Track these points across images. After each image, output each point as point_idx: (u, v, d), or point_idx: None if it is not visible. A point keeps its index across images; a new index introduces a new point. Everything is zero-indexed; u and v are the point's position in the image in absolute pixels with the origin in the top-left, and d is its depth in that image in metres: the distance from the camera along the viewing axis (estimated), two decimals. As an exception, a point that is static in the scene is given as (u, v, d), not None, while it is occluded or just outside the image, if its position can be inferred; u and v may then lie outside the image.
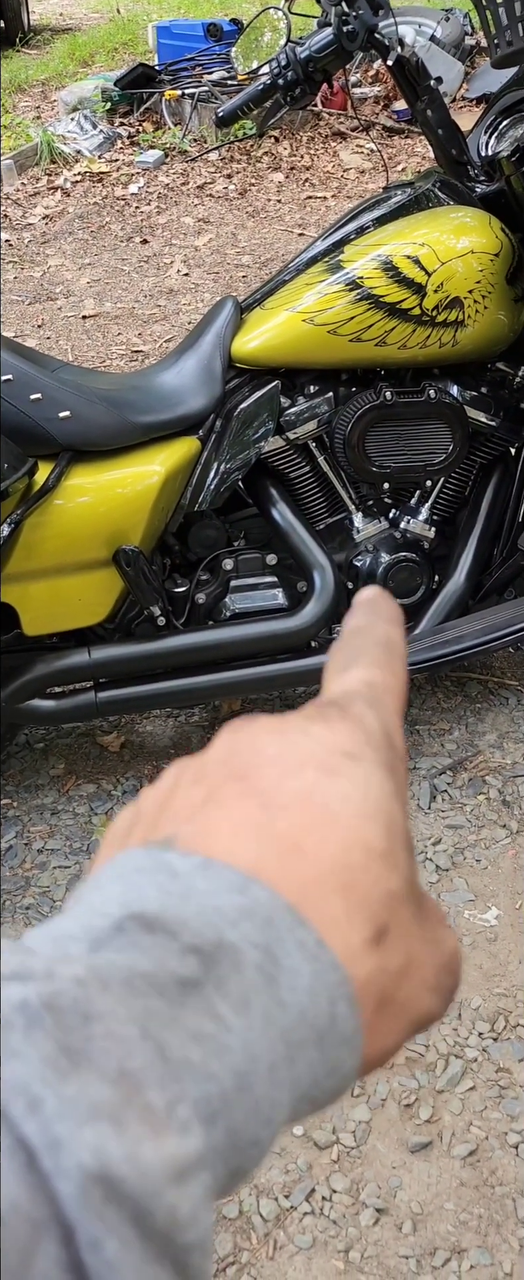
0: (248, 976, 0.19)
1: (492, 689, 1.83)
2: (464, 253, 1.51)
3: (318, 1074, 0.20)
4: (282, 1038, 0.19)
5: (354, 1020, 0.20)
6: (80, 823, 1.64)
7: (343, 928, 0.20)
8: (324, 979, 0.19)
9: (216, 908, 0.19)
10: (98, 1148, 0.16)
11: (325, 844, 0.20)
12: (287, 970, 0.19)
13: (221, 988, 0.18)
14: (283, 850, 0.20)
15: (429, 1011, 0.22)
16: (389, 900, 0.21)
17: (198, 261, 3.77)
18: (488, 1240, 1.12)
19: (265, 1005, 0.19)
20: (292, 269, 1.64)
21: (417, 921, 0.21)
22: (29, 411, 1.46)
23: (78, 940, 0.19)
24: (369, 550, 1.65)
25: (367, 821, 0.21)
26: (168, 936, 0.19)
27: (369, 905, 0.20)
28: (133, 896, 0.19)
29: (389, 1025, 0.21)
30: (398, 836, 0.21)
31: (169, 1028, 0.18)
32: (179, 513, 1.58)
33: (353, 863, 0.20)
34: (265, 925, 0.19)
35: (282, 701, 1.84)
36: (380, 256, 1.52)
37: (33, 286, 3.68)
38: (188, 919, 0.19)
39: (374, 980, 0.20)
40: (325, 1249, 1.12)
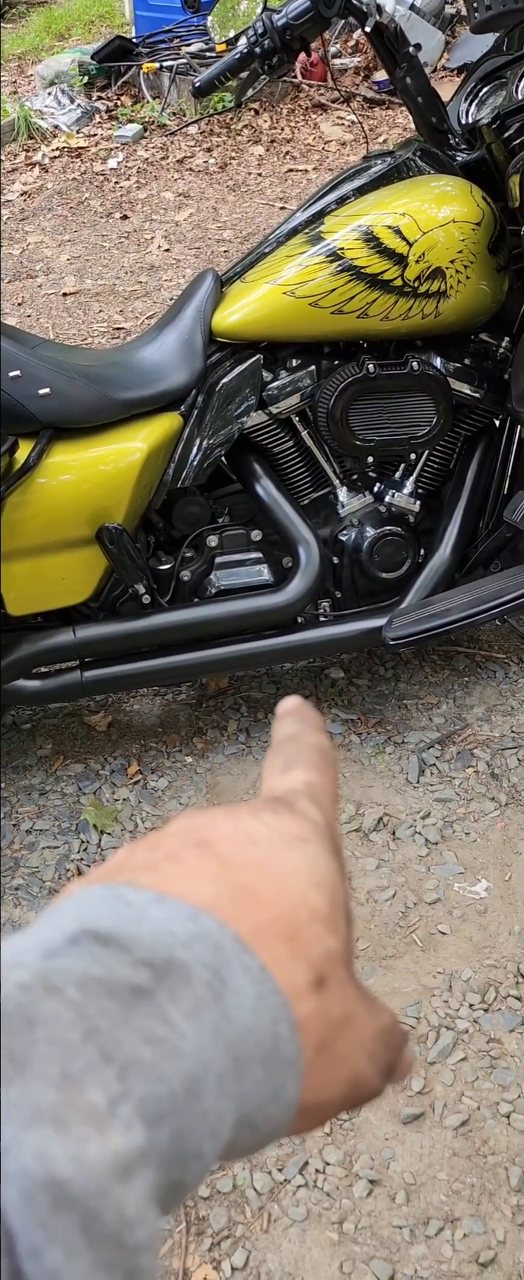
0: (198, 990, 0.20)
1: (479, 662, 1.83)
2: (446, 222, 1.50)
3: (262, 1095, 0.21)
4: (229, 1050, 0.20)
5: (295, 1044, 0.21)
6: (68, 803, 1.63)
7: (288, 967, 0.22)
8: (267, 1001, 0.21)
9: (169, 930, 0.20)
10: (41, 1151, 0.16)
11: (276, 899, 0.22)
12: (233, 990, 0.20)
13: (173, 997, 0.19)
14: (237, 897, 0.22)
15: (365, 1077, 0.24)
16: (329, 955, 0.23)
17: (179, 237, 3.72)
18: (481, 1209, 1.13)
19: (214, 1018, 0.20)
20: (272, 241, 1.61)
21: (352, 984, 0.23)
22: (8, 389, 1.43)
23: (31, 952, 0.19)
24: (354, 525, 1.63)
25: (313, 889, 0.23)
26: (121, 950, 0.19)
27: (311, 955, 0.22)
28: (87, 915, 0.20)
29: (328, 1072, 0.23)
30: (339, 906, 0.23)
31: (121, 1026, 0.18)
32: (162, 489, 1.56)
33: (299, 918, 0.22)
34: (214, 949, 0.21)
35: (268, 678, 1.83)
36: (361, 227, 1.50)
37: (12, 264, 3.62)
38: (141, 937, 0.20)
39: (315, 1020, 0.22)
40: (319, 1221, 1.13)
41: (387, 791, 1.61)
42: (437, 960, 1.36)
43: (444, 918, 1.41)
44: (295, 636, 1.62)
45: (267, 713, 1.77)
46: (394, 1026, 0.25)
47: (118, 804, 1.62)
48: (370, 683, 1.81)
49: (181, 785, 1.65)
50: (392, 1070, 0.25)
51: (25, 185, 4.26)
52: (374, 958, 1.37)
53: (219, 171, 4.24)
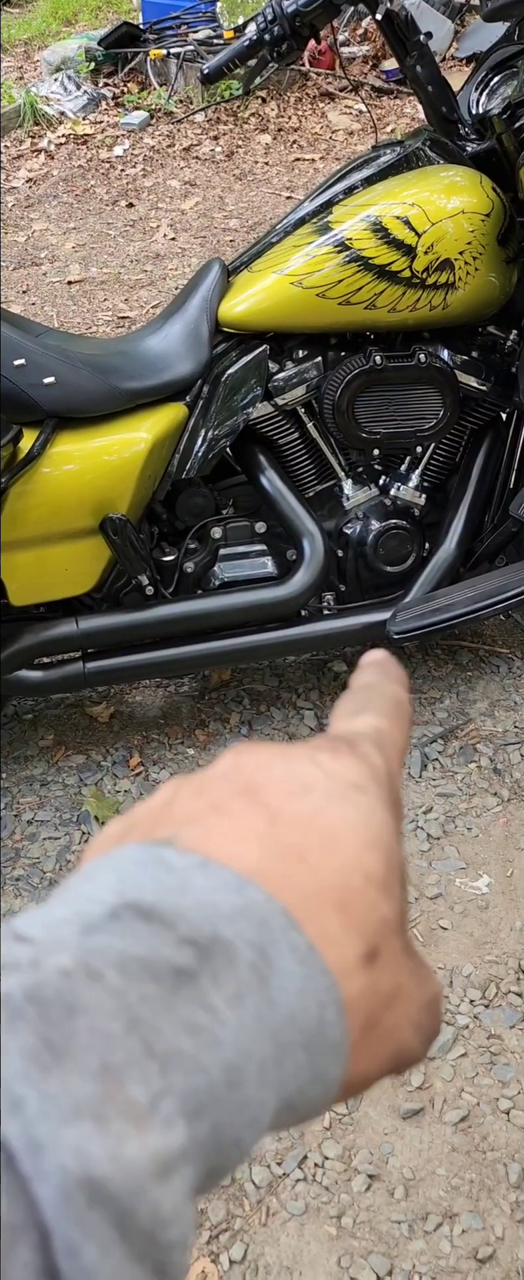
0: (242, 973, 0.19)
1: (483, 657, 1.82)
2: (455, 213, 1.48)
3: (303, 1079, 0.20)
4: (272, 1037, 0.19)
5: (341, 1027, 0.20)
6: (70, 794, 1.63)
7: (338, 941, 0.20)
8: (314, 983, 0.20)
9: (213, 904, 0.19)
10: (80, 1149, 0.15)
11: (327, 861, 0.21)
12: (278, 971, 0.19)
13: (216, 980, 0.18)
14: (286, 859, 0.21)
15: (410, 1049, 0.23)
16: (382, 926, 0.21)
17: (184, 225, 3.70)
18: (479, 1205, 1.13)
19: (257, 1003, 0.19)
20: (279, 230, 1.60)
21: (405, 953, 0.22)
22: (12, 377, 1.43)
23: (70, 925, 0.18)
24: (359, 518, 1.63)
25: (367, 849, 0.21)
26: (164, 926, 0.19)
27: (364, 926, 0.21)
28: (128, 885, 0.19)
29: (373, 1049, 0.22)
30: (395, 870, 0.22)
31: (163, 1015, 0.17)
32: (166, 480, 1.55)
33: (352, 884, 0.21)
34: (260, 926, 0.20)
35: (271, 671, 1.82)
36: (370, 217, 1.49)
37: (17, 251, 3.61)
38: (184, 911, 0.19)
39: (364, 998, 0.21)
40: (318, 1215, 1.13)
41: (389, 786, 1.60)
42: (437, 956, 1.36)
43: (445, 913, 1.41)
44: (299, 629, 1.62)
45: (269, 705, 1.76)
46: (440, 995, 0.24)
47: (119, 795, 1.62)
48: (374, 677, 1.80)
49: (183, 777, 1.64)
50: (434, 1036, 0.24)
51: (31, 172, 4.25)
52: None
53: (225, 160, 4.22)
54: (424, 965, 0.24)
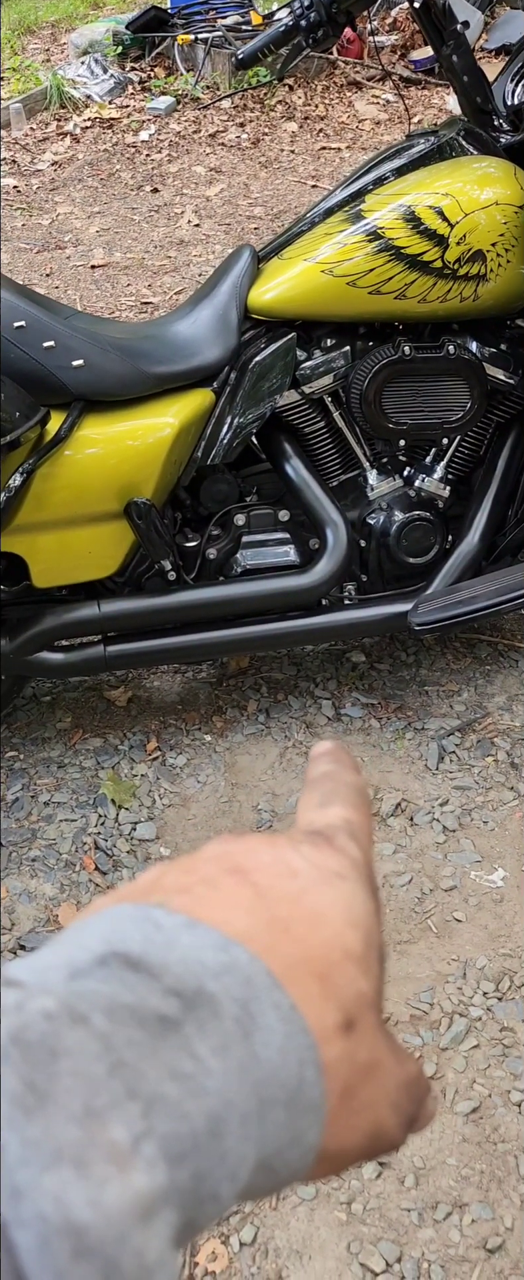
0: (227, 1025, 0.19)
1: (501, 651, 1.82)
2: (488, 204, 1.48)
3: (283, 1139, 0.20)
4: (254, 1090, 0.20)
5: (320, 1087, 0.21)
6: (87, 776, 1.64)
7: (317, 1006, 0.21)
8: (295, 1041, 0.21)
9: (199, 960, 0.20)
10: (60, 1196, 0.15)
11: (311, 935, 0.22)
12: (262, 1027, 0.20)
13: (202, 1030, 0.19)
14: (271, 929, 0.22)
15: (387, 1127, 0.23)
16: (359, 999, 0.22)
17: (209, 212, 3.70)
18: (489, 1195, 1.14)
19: (241, 1056, 0.19)
20: (309, 218, 1.60)
21: (381, 1029, 0.23)
22: (42, 359, 1.44)
23: (58, 970, 0.19)
24: (383, 508, 1.63)
25: (349, 928, 0.23)
26: (150, 976, 0.19)
27: (342, 997, 0.22)
28: (117, 936, 0.20)
29: (351, 1121, 0.22)
30: (374, 948, 0.23)
31: (147, 1060, 0.18)
32: (192, 466, 1.56)
33: (332, 957, 0.22)
34: (245, 983, 0.20)
35: (289, 660, 1.83)
36: (402, 207, 1.49)
37: (41, 234, 3.62)
38: (170, 964, 0.19)
39: (341, 1064, 0.22)
40: (328, 1200, 1.14)
41: (405, 777, 1.61)
42: (451, 947, 1.36)
43: (460, 905, 1.42)
44: (320, 619, 1.62)
45: (287, 694, 1.77)
46: (419, 1077, 0.25)
47: (136, 779, 1.64)
48: (392, 668, 1.80)
49: (200, 763, 1.65)
50: (413, 1121, 0.24)
51: (56, 155, 4.26)
52: (389, 942, 1.37)
53: (251, 147, 4.21)
54: (400, 1047, 0.24)
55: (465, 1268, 1.09)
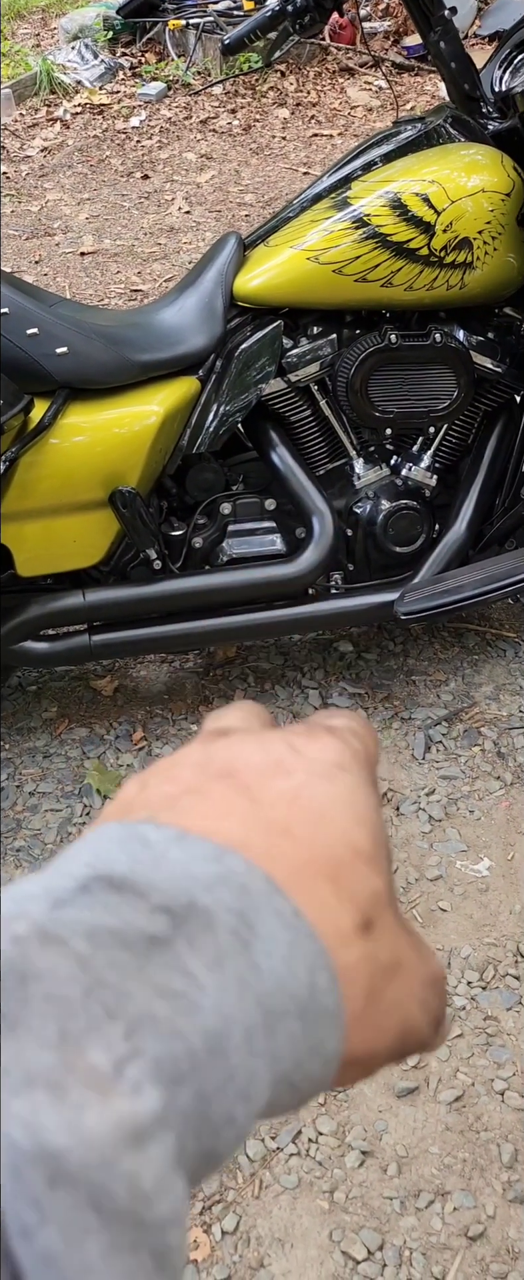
0: (221, 938, 0.18)
1: (489, 640, 1.82)
2: (475, 191, 1.47)
3: (299, 1050, 0.19)
4: (258, 1004, 0.18)
5: (335, 994, 0.19)
6: (72, 766, 1.63)
7: (333, 910, 0.20)
8: (302, 948, 0.19)
9: (190, 873, 0.19)
10: (30, 1120, 0.14)
11: (314, 836, 0.20)
12: (262, 937, 0.19)
13: (193, 946, 0.18)
14: (270, 834, 0.20)
15: (417, 1026, 0.22)
16: (375, 897, 0.21)
17: (200, 199, 3.68)
18: (472, 1184, 1.14)
19: (239, 968, 0.18)
20: (296, 205, 1.59)
21: (401, 927, 0.22)
22: (25, 346, 1.42)
23: (38, 900, 0.18)
24: (369, 497, 1.62)
25: (354, 825, 0.21)
26: (136, 896, 0.18)
27: (357, 897, 0.20)
28: (101, 859, 0.19)
29: (378, 1022, 0.21)
30: (382, 846, 0.21)
31: (132, 980, 0.17)
32: (177, 454, 1.55)
33: (341, 857, 0.20)
34: (240, 892, 0.19)
35: (276, 649, 1.83)
36: (388, 194, 1.48)
37: (30, 221, 3.59)
38: (158, 882, 0.18)
39: (364, 966, 0.20)
40: (310, 1189, 1.14)
41: (392, 767, 1.61)
42: (436, 937, 1.37)
43: (445, 895, 1.42)
44: (306, 608, 1.62)
45: (274, 683, 1.76)
46: (443, 975, 0.23)
47: (122, 769, 1.63)
48: (379, 657, 1.80)
49: (187, 751, 1.65)
50: (440, 1021, 0.23)
51: (46, 141, 4.22)
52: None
53: (243, 134, 4.18)
54: (423, 942, 0.23)
55: (447, 1255, 1.09)
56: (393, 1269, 1.08)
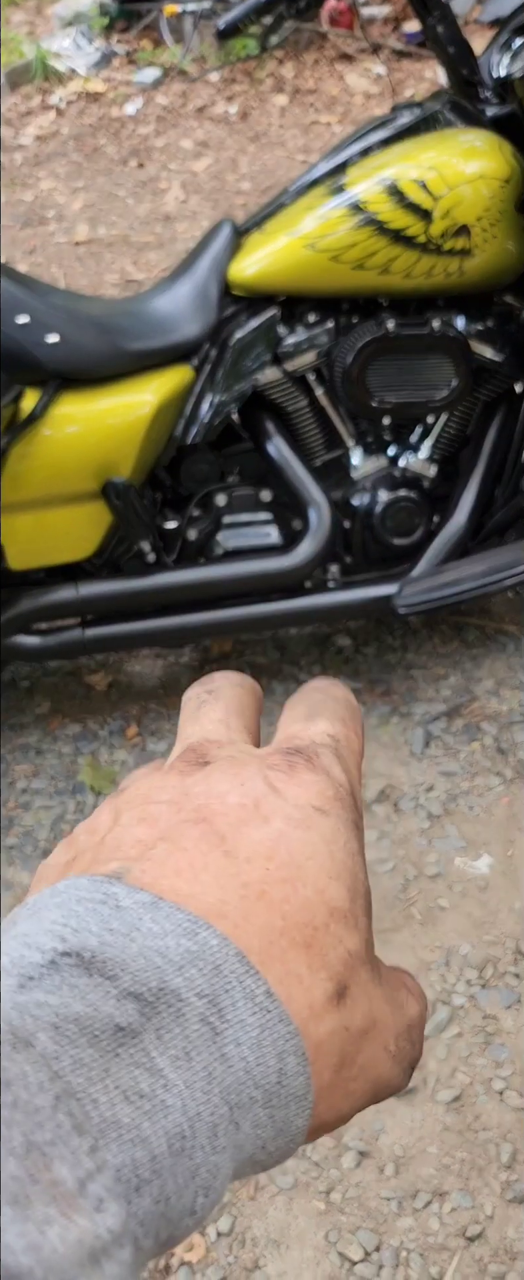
0: (190, 1027, 0.18)
1: (489, 634, 1.80)
2: (473, 178, 1.45)
3: (265, 1135, 0.19)
4: (224, 1098, 0.18)
5: (304, 1075, 0.19)
6: (65, 763, 1.61)
7: (306, 983, 0.19)
8: (272, 1032, 0.19)
9: (161, 950, 0.18)
10: None
11: (291, 896, 0.20)
12: (232, 1024, 0.18)
13: (161, 1037, 0.17)
14: (246, 897, 0.20)
15: (389, 1080, 0.22)
16: (349, 960, 0.20)
17: (196, 187, 3.64)
18: (470, 1184, 1.13)
19: (208, 1061, 0.18)
20: (292, 192, 1.57)
21: (375, 982, 0.21)
22: (15, 335, 1.40)
23: (9, 976, 0.17)
24: (367, 488, 1.60)
25: (331, 879, 0.20)
26: (105, 978, 0.17)
27: (330, 963, 0.20)
28: (71, 928, 0.18)
29: (348, 1088, 0.21)
30: (359, 898, 0.21)
31: (98, 1082, 0.16)
32: (171, 445, 1.53)
33: (316, 920, 0.20)
34: (213, 973, 0.18)
35: (273, 643, 1.81)
36: (385, 180, 1.45)
37: (24, 210, 3.56)
38: (128, 960, 0.18)
39: (335, 1039, 0.20)
40: (307, 1190, 1.13)
41: (390, 763, 1.59)
42: (435, 935, 1.35)
43: (444, 892, 1.40)
44: (303, 601, 1.60)
45: (270, 678, 1.74)
46: (421, 1017, 0.23)
47: (115, 766, 1.61)
48: (378, 651, 1.78)
49: (183, 747, 1.63)
50: (415, 1064, 0.23)
51: (40, 129, 4.18)
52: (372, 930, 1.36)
53: (239, 121, 4.15)
54: (399, 987, 0.22)
55: (444, 1256, 1.08)
56: (390, 1270, 1.07)
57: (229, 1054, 0.18)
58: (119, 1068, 0.16)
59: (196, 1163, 0.17)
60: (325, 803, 0.21)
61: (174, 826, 0.20)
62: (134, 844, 0.20)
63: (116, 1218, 0.15)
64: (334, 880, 0.20)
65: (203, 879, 0.19)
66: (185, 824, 0.20)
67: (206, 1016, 0.18)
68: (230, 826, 0.20)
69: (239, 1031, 0.18)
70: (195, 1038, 0.18)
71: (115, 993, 0.17)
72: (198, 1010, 0.18)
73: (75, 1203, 0.15)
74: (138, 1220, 0.16)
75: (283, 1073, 0.19)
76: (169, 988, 0.18)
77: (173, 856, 0.20)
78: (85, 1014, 0.17)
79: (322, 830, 0.21)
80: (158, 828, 0.20)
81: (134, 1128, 0.16)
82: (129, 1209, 0.16)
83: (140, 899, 0.19)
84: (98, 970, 0.17)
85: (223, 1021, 0.18)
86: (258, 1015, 0.18)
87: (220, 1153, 0.18)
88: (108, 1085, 0.16)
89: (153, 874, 0.19)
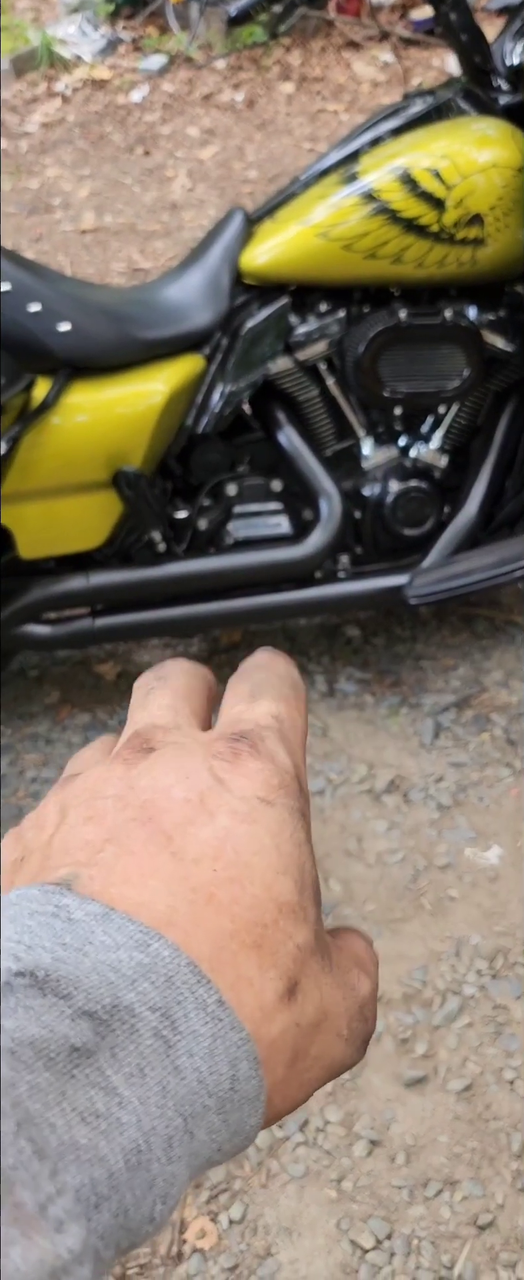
0: (144, 1043, 0.18)
1: (499, 626, 1.79)
2: (486, 167, 1.44)
3: (220, 1139, 0.19)
4: (178, 1109, 0.18)
5: (257, 1078, 0.19)
6: (74, 752, 1.61)
7: (257, 984, 0.20)
8: (224, 1040, 0.19)
9: (114, 964, 0.18)
10: None
11: (239, 897, 0.20)
12: (184, 1035, 0.18)
13: (115, 1056, 0.18)
14: (195, 902, 0.20)
15: (343, 1061, 0.22)
16: (298, 955, 0.20)
17: (202, 175, 3.63)
18: (481, 1173, 1.13)
19: (161, 1075, 0.18)
20: (304, 180, 1.56)
21: (326, 971, 0.21)
22: (27, 323, 1.40)
23: None
24: (378, 478, 1.60)
25: (278, 875, 0.21)
26: (59, 998, 0.18)
27: (280, 961, 0.20)
28: (24, 945, 0.18)
29: (302, 1079, 0.21)
30: (307, 889, 0.21)
31: (55, 1106, 0.16)
32: (182, 434, 1.52)
33: (265, 918, 0.20)
34: (166, 985, 0.19)
35: (283, 634, 1.80)
36: (398, 168, 1.45)
37: (30, 198, 3.55)
38: (82, 977, 0.18)
39: (287, 1036, 0.20)
40: (318, 1178, 1.13)
41: (400, 753, 1.59)
42: (445, 925, 1.35)
43: (454, 883, 1.40)
44: (313, 591, 1.59)
45: (280, 667, 1.74)
46: (373, 991, 0.23)
47: (128, 751, 1.61)
48: (387, 642, 1.78)
49: (192, 736, 1.63)
50: (368, 1040, 0.23)
51: (45, 116, 4.16)
52: (382, 920, 1.36)
53: (246, 109, 4.13)
54: (351, 969, 0.22)
55: (456, 1244, 1.08)
56: (401, 1258, 1.07)
57: (182, 1066, 0.18)
58: (75, 1089, 0.17)
59: (153, 1174, 0.17)
60: (270, 792, 0.21)
61: (121, 826, 0.20)
62: (82, 846, 0.20)
63: (76, 1237, 0.16)
64: (281, 875, 0.20)
65: (152, 885, 0.20)
66: (132, 823, 0.20)
67: (159, 1030, 0.18)
68: (176, 825, 0.20)
69: (192, 1043, 0.18)
70: (149, 1053, 0.18)
71: (70, 1012, 0.17)
72: (151, 1025, 0.18)
73: (37, 1224, 0.15)
74: (98, 1235, 0.16)
75: (235, 1079, 0.19)
76: (122, 1004, 0.18)
77: (121, 860, 0.20)
78: (40, 1036, 0.17)
79: (267, 823, 0.21)
80: (105, 826, 0.20)
81: (91, 1148, 0.17)
82: (89, 1226, 0.16)
83: (92, 910, 0.19)
84: (52, 990, 0.18)
85: (175, 1034, 0.18)
86: (210, 1024, 0.19)
87: (176, 1162, 0.18)
88: (64, 1109, 0.16)
89: (102, 880, 0.20)
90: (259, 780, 0.21)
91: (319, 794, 1.53)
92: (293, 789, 0.22)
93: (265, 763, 0.22)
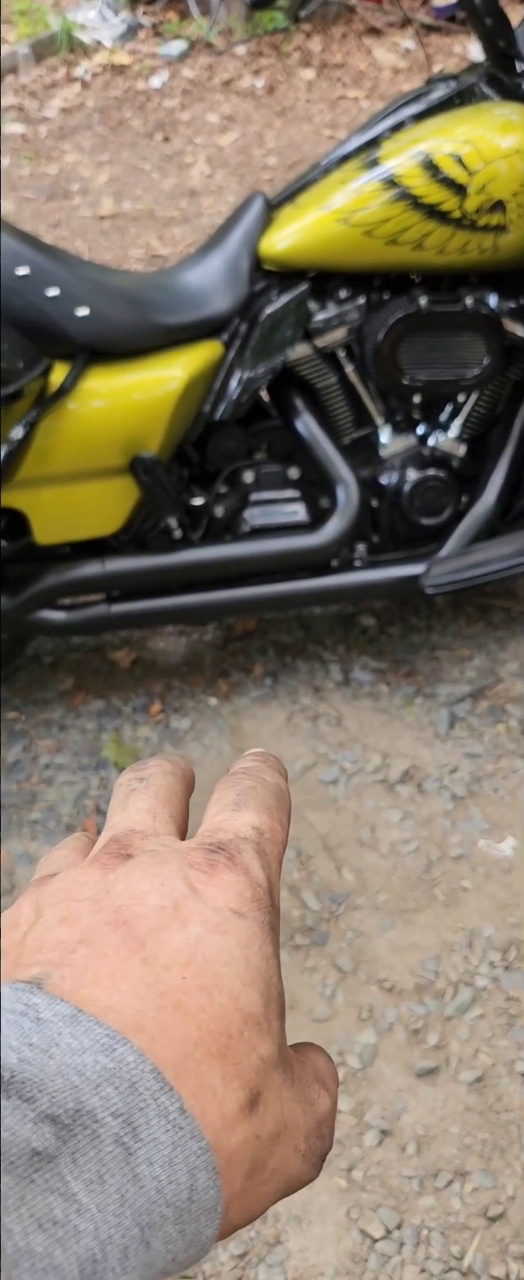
0: (105, 1150, 0.18)
1: (515, 617, 1.78)
2: (509, 153, 1.42)
3: (175, 1249, 0.19)
4: (135, 1219, 0.18)
5: (214, 1189, 0.20)
6: (88, 739, 1.62)
7: (219, 1095, 0.20)
8: (184, 1149, 0.19)
9: (79, 1068, 0.19)
10: None
11: (206, 1005, 0.20)
12: (145, 1142, 0.19)
13: (76, 1161, 0.18)
14: (163, 1008, 0.20)
15: (299, 1177, 0.22)
16: (261, 1067, 0.21)
17: (222, 161, 3.61)
18: (491, 1164, 1.13)
19: (120, 1183, 0.18)
20: (324, 166, 1.55)
21: (287, 1085, 0.22)
22: (45, 308, 1.40)
23: None
24: (396, 467, 1.59)
25: (246, 986, 0.21)
26: (23, 1100, 0.18)
27: (244, 1072, 0.20)
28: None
29: (259, 1190, 0.21)
30: (273, 1002, 0.22)
31: (13, 1212, 0.17)
32: (200, 421, 1.52)
33: (230, 1029, 0.20)
34: (129, 1091, 0.19)
35: (298, 622, 1.80)
36: (420, 154, 1.43)
37: (48, 183, 3.55)
38: (47, 1080, 0.18)
39: (246, 1148, 0.20)
40: (328, 1167, 1.13)
41: (415, 743, 1.58)
42: (458, 916, 1.35)
43: (468, 874, 1.40)
44: (329, 580, 1.59)
45: (294, 657, 1.74)
46: (332, 1110, 0.23)
47: (139, 743, 1.62)
48: (402, 632, 1.77)
49: (204, 727, 1.63)
50: (324, 1155, 0.23)
51: (65, 101, 4.16)
52: (395, 910, 1.36)
53: (266, 95, 4.10)
54: (311, 1085, 0.23)
55: (466, 1235, 1.08)
56: (411, 1248, 1.07)
57: (141, 1174, 0.18)
58: (34, 1195, 0.17)
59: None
60: (242, 905, 0.22)
61: (94, 929, 0.21)
62: (55, 945, 0.21)
63: None
64: (248, 986, 0.21)
65: (122, 989, 0.20)
66: (105, 926, 0.21)
67: (121, 1137, 0.18)
68: (150, 931, 0.21)
69: (152, 1150, 0.18)
70: (109, 1160, 0.18)
71: (33, 1115, 0.17)
72: (113, 1131, 0.18)
73: None
74: None
75: (193, 1189, 0.19)
76: (85, 1108, 0.18)
77: (93, 964, 0.20)
78: (2, 1140, 0.17)
79: (238, 935, 0.21)
80: (79, 928, 0.21)
81: (46, 1255, 0.17)
82: None
83: (60, 1011, 0.19)
84: (16, 1091, 0.18)
85: (137, 1141, 0.18)
86: (171, 1133, 0.19)
87: (130, 1273, 0.18)
88: (22, 1214, 0.16)
89: (73, 981, 0.20)
90: (233, 892, 0.22)
91: (333, 783, 1.53)
92: (265, 903, 0.22)
93: (240, 875, 0.22)
